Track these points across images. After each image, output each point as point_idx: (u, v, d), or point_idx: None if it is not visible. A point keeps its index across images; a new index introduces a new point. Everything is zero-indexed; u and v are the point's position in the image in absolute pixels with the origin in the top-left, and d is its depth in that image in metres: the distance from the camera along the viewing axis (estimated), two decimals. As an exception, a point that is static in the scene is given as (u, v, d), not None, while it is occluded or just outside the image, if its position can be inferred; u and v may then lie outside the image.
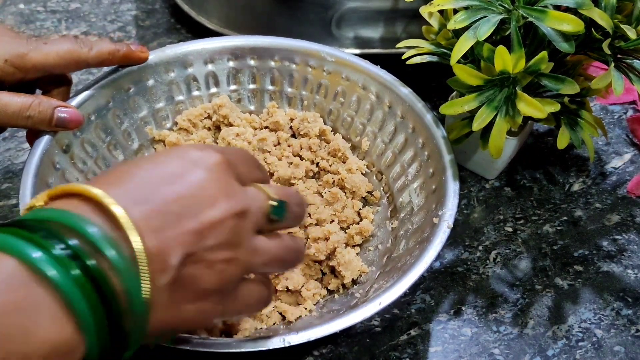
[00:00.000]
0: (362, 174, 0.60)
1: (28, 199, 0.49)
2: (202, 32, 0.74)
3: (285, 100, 0.65)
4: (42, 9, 0.82)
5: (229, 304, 0.37)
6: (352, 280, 0.54)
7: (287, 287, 0.53)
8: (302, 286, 0.54)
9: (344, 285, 0.54)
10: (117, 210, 0.31)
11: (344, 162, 0.60)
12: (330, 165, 0.60)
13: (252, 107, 0.65)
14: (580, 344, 0.54)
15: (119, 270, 0.30)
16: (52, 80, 0.55)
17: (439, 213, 0.51)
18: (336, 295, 0.54)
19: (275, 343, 0.43)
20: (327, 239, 0.54)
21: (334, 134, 0.62)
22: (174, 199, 0.33)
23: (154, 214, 0.32)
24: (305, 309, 0.53)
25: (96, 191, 0.32)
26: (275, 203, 0.38)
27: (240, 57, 0.63)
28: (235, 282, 0.37)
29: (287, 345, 0.43)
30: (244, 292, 0.38)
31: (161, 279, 0.32)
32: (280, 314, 0.52)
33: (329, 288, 0.55)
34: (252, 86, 0.64)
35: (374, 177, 0.61)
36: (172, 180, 0.34)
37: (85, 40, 0.54)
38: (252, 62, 0.63)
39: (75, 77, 0.72)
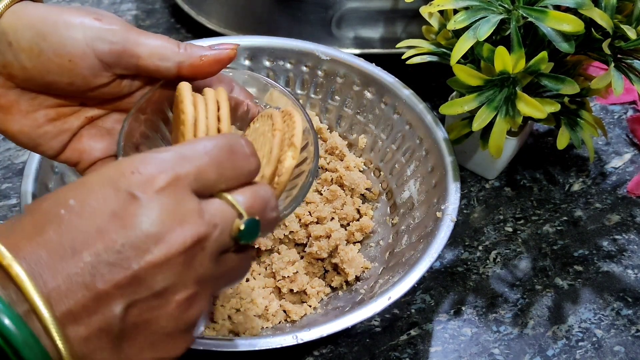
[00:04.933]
0: (360, 171, 0.61)
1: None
2: (202, 32, 0.74)
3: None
4: (42, 9, 0.82)
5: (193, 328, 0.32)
6: (355, 277, 0.54)
7: (291, 289, 0.53)
8: (307, 284, 0.54)
9: (347, 282, 0.55)
10: (20, 272, 0.27)
11: (342, 160, 0.60)
12: (328, 163, 0.60)
13: None
14: (580, 344, 0.54)
15: (17, 344, 0.27)
16: None
17: (442, 207, 0.51)
18: (340, 292, 0.54)
19: (288, 340, 0.44)
20: (328, 237, 0.54)
21: (330, 132, 0.62)
22: (107, 246, 0.28)
23: (80, 269, 0.28)
24: (310, 306, 0.53)
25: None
26: (243, 227, 0.32)
27: (234, 58, 0.63)
28: (200, 314, 0.32)
29: (300, 342, 0.44)
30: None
31: (96, 340, 0.29)
32: (285, 312, 0.53)
33: (332, 285, 0.55)
34: None
35: (372, 174, 0.61)
36: (103, 222, 0.29)
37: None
38: (246, 63, 0.63)
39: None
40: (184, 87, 0.39)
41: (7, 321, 0.26)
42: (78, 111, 0.42)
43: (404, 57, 0.59)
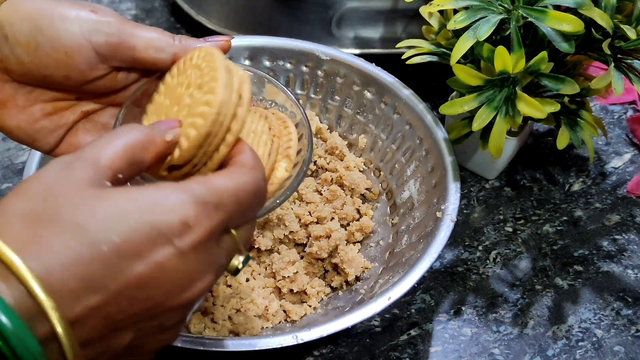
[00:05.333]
0: (360, 171, 0.61)
1: None
2: (202, 32, 0.74)
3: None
4: (41, 8, 0.82)
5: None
6: (355, 277, 0.54)
7: (291, 289, 0.53)
8: (307, 284, 0.54)
9: (347, 282, 0.55)
10: (43, 299, 0.27)
11: (342, 160, 0.60)
12: (328, 163, 0.60)
13: None
14: (580, 344, 0.54)
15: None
16: None
17: (442, 207, 0.51)
18: (340, 292, 0.54)
19: (288, 340, 0.44)
20: (328, 237, 0.54)
21: (330, 132, 0.62)
22: (136, 287, 0.29)
23: (106, 304, 0.28)
24: (310, 306, 0.53)
25: (14, 260, 0.27)
26: (241, 266, 0.34)
27: (234, 58, 0.63)
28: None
29: (300, 342, 0.44)
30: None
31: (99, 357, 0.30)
32: (285, 312, 0.53)
33: (332, 285, 0.55)
34: None
35: (372, 174, 0.61)
36: (137, 263, 0.29)
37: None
38: (246, 62, 0.63)
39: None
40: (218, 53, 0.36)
41: (18, 339, 0.26)
42: (74, 105, 0.42)
43: (404, 57, 0.59)
